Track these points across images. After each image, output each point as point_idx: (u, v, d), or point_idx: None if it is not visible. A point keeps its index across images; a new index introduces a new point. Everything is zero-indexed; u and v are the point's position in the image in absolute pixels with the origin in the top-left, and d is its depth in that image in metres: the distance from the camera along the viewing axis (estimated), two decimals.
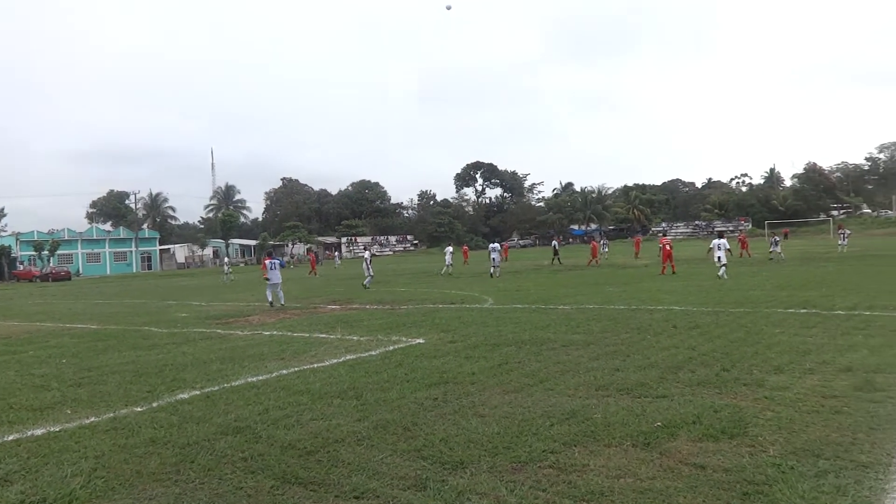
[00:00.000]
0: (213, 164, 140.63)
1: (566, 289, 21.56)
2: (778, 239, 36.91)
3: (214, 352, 11.12)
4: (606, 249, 46.57)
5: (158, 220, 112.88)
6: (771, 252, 34.63)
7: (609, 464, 4.82)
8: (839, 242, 39.49)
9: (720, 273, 22.70)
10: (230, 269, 45.92)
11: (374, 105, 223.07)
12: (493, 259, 31.31)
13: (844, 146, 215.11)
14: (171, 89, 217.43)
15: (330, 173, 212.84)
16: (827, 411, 5.86)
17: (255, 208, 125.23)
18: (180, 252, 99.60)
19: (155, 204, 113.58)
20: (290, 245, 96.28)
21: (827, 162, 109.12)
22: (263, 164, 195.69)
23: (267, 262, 20.84)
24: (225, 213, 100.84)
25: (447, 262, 35.56)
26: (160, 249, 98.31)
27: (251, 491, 4.64)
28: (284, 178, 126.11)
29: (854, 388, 6.61)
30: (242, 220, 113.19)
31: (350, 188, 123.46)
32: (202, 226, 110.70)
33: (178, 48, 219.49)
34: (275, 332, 13.50)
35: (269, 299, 20.24)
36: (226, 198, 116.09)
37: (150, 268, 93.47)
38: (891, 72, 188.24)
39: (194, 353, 11.17)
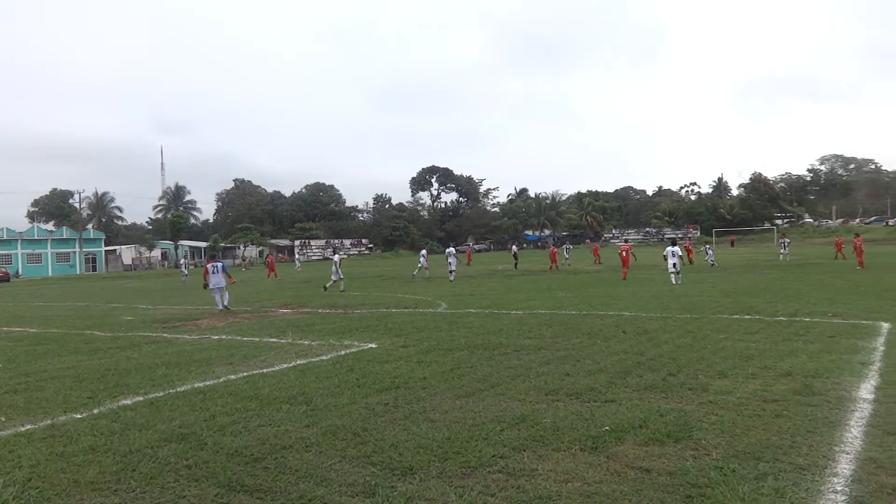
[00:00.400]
0: (162, 163, 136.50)
1: (519, 294, 21.73)
2: (709, 247, 38.71)
3: (160, 356, 10.83)
4: (568, 256, 46.97)
5: (104, 220, 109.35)
6: (709, 261, 35.72)
7: (557, 468, 4.86)
8: (780, 251, 40.91)
9: (673, 279, 23.45)
10: (188, 272, 44.72)
11: (330, 108, 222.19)
12: (450, 263, 31.59)
13: (788, 158, 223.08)
14: (121, 87, 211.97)
15: (284, 175, 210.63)
16: (768, 415, 6.03)
17: (206, 209, 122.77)
18: (127, 253, 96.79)
19: (101, 203, 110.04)
20: (241, 247, 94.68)
21: (772, 172, 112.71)
22: (215, 165, 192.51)
23: (209, 266, 20.48)
24: (174, 214, 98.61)
25: (421, 265, 34.98)
26: (106, 250, 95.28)
27: (194, 500, 4.52)
28: (237, 180, 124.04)
29: (793, 392, 6.82)
30: (193, 221, 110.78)
31: (304, 190, 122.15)
32: (150, 227, 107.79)
33: (127, 45, 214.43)
34: (224, 337, 13.24)
35: (218, 304, 19.86)
36: (175, 198, 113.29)
37: (94, 269, 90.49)
38: (830, 88, 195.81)
39: (139, 357, 10.86)
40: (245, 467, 5.12)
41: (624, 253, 29.52)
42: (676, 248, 24.90)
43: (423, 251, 37.07)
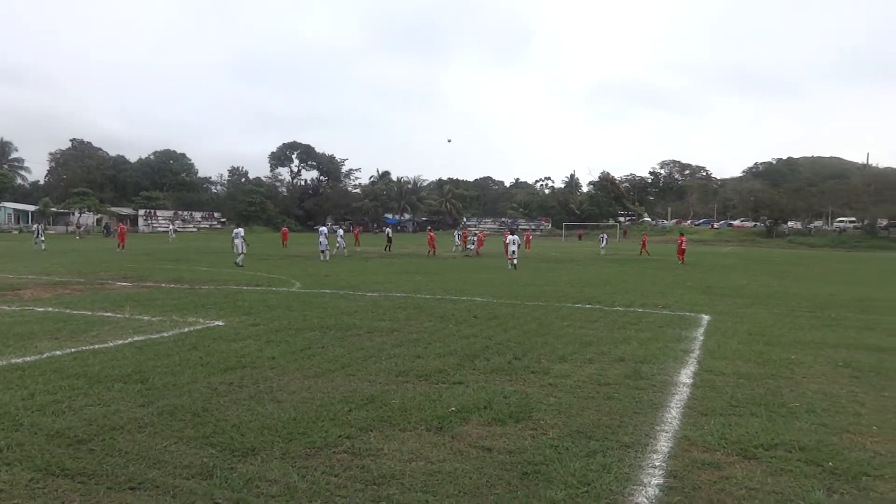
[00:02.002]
0: None
1: (376, 276, 21.72)
2: (605, 237, 41.97)
3: None
4: (459, 241, 46.44)
5: None
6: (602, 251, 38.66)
7: (402, 448, 4.91)
8: (600, 246, 44.41)
9: (510, 265, 26.49)
10: (43, 237, 39.81)
11: (186, 74, 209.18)
12: (321, 242, 30.75)
13: (633, 160, 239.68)
14: None
15: (129, 139, 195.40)
16: (600, 397, 6.45)
17: (37, 170, 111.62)
18: None
19: None
20: (76, 213, 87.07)
21: (619, 172, 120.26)
22: (49, 122, 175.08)
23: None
24: None
25: (323, 247, 31.40)
26: None
27: (4, 485, 4.09)
28: (74, 140, 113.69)
29: (625, 376, 7.35)
30: (19, 181, 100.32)
31: (152, 157, 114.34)
32: None
33: None
34: (50, 309, 12.12)
35: None
36: None
37: None
38: (670, 98, 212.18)
39: None
40: (67, 450, 4.72)
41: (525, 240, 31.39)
42: (515, 237, 28.12)
43: (325, 228, 34.28)
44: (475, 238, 40.78)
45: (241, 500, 3.95)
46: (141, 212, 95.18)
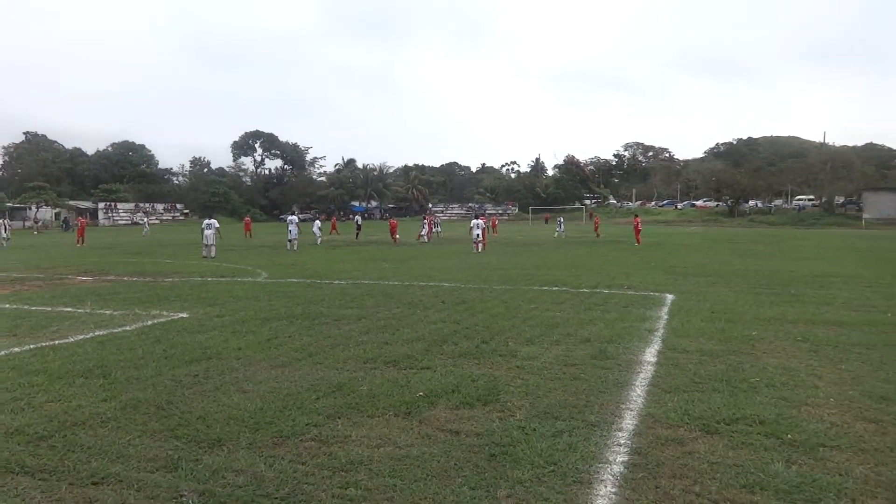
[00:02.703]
0: None
1: (343, 264, 21.60)
2: (561, 220, 42.51)
3: None
4: (440, 228, 45.99)
5: None
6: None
7: (371, 434, 4.91)
8: (556, 230, 45.02)
9: (475, 248, 27.87)
10: (9, 234, 38.28)
11: (142, 62, 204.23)
12: (290, 231, 30.19)
13: (597, 143, 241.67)
14: None
15: (85, 131, 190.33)
16: (567, 378, 6.53)
17: None
18: None
19: None
20: (34, 208, 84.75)
21: (583, 155, 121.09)
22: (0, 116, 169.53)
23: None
24: None
25: (294, 235, 30.51)
26: None
27: None
28: (28, 133, 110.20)
29: (591, 356, 7.44)
30: None
31: (110, 149, 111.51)
32: None
33: None
34: (7, 305, 11.81)
35: None
36: None
37: None
38: (631, 81, 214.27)
39: None
40: (26, 447, 4.62)
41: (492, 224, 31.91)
42: (480, 221, 29.30)
43: (295, 217, 32.88)
44: (425, 223, 40.58)
45: (206, 491, 3.91)
46: (101, 205, 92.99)
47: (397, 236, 38.67)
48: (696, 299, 12.27)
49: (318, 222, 36.84)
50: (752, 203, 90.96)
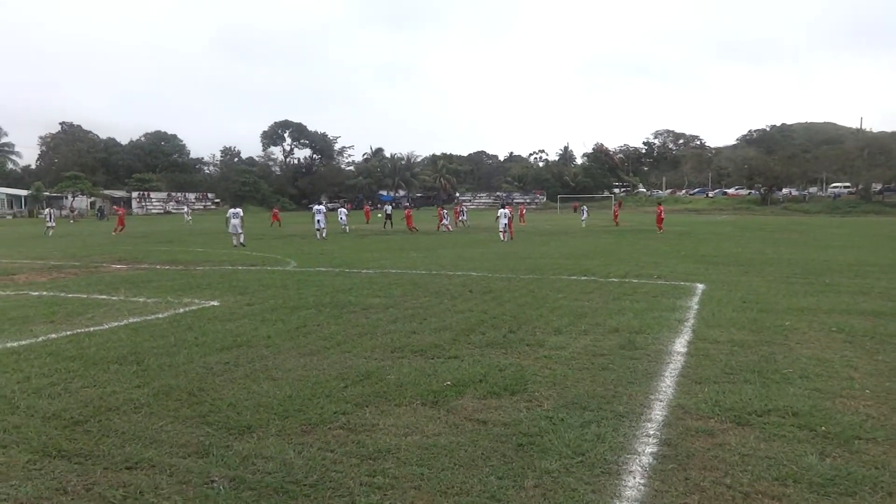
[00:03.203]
0: None
1: (371, 253, 21.70)
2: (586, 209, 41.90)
3: None
4: (466, 217, 45.65)
5: None
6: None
7: (398, 422, 4.93)
8: (581, 218, 44.78)
9: (502, 237, 27.78)
10: (54, 222, 39.32)
11: (175, 54, 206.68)
12: (318, 221, 30.38)
13: (627, 130, 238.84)
14: None
15: (119, 122, 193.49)
16: (595, 368, 6.48)
17: (28, 154, 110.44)
18: None
19: None
20: (70, 197, 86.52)
21: (612, 143, 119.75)
22: (37, 106, 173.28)
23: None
24: None
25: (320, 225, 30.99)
26: None
27: (1, 467, 4.11)
28: (64, 123, 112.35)
29: (619, 347, 7.37)
30: (11, 166, 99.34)
31: (143, 139, 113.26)
32: None
33: None
34: (45, 293, 12.10)
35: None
36: None
37: None
38: (661, 67, 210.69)
39: None
40: (63, 431, 4.73)
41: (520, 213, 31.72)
42: (506, 210, 29.09)
43: (323, 207, 33.15)
44: (445, 213, 40.45)
45: (237, 477, 3.97)
46: (134, 194, 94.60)
47: (414, 226, 38.19)
48: (727, 289, 12.08)
49: (343, 210, 37.09)
50: (785, 191, 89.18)
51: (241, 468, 4.11)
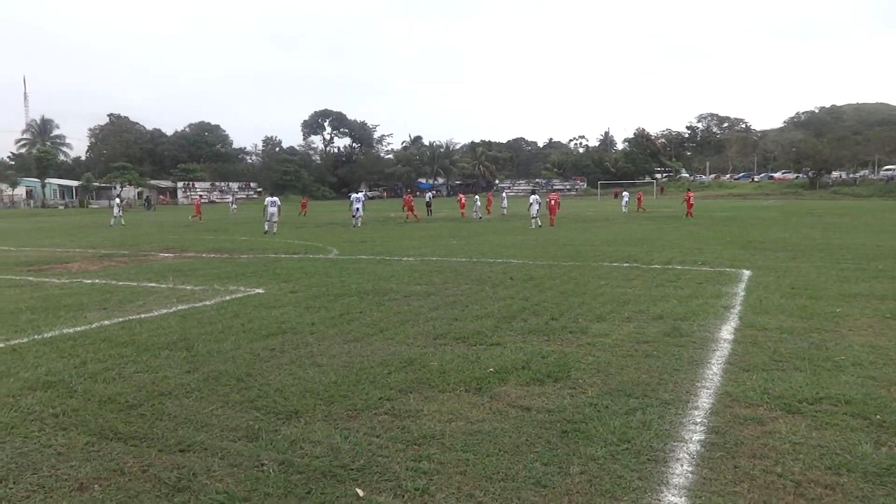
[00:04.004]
0: (25, 93, 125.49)
1: (411, 241, 21.79)
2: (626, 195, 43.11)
3: (24, 301, 10.08)
4: (506, 204, 45.91)
5: None
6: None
7: (442, 409, 4.96)
8: (622, 203, 44.33)
9: (533, 223, 28.00)
10: (121, 212, 40.71)
11: (217, 46, 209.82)
12: (357, 209, 30.63)
13: (669, 115, 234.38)
14: None
15: (164, 113, 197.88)
16: (639, 355, 6.41)
17: (78, 146, 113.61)
18: None
19: None
20: (118, 187, 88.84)
21: (654, 128, 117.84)
22: (86, 98, 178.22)
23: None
24: (41, 150, 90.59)
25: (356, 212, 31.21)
26: None
27: (62, 448, 4.27)
28: (112, 115, 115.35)
29: (664, 334, 7.28)
30: (62, 157, 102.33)
31: (188, 129, 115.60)
32: (13, 162, 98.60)
33: None
34: (97, 281, 12.47)
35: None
36: (41, 132, 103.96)
37: None
38: (705, 49, 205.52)
39: None
40: (119, 415, 4.89)
41: (552, 202, 31.38)
42: (537, 197, 29.48)
43: (361, 195, 33.61)
44: (476, 199, 40.24)
45: (286, 461, 4.05)
46: (179, 184, 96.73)
47: (416, 213, 37.25)
48: (774, 275, 11.81)
49: (361, 196, 35.56)
50: (835, 174, 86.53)
51: (289, 452, 4.19)
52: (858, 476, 3.75)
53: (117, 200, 41.85)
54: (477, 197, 41.60)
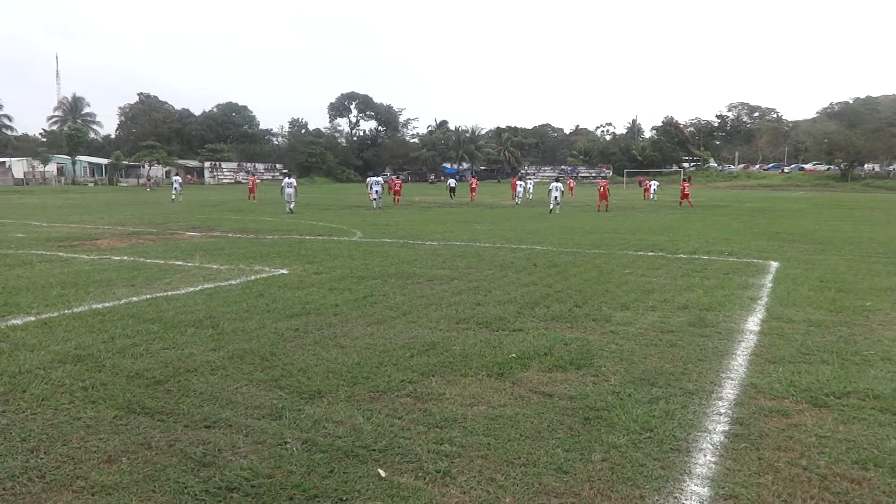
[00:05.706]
0: (57, 71, 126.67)
1: (435, 225, 21.80)
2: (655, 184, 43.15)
3: (54, 276, 10.27)
4: (532, 190, 45.56)
5: None
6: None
7: (464, 392, 4.98)
8: (651, 192, 44.35)
9: (552, 208, 28.97)
10: (181, 188, 41.51)
11: (245, 27, 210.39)
12: (377, 192, 31.47)
13: (699, 103, 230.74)
14: None
15: (193, 92, 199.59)
16: (663, 344, 6.36)
17: (108, 124, 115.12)
18: (18, 167, 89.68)
19: None
20: (147, 166, 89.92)
21: (683, 117, 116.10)
22: (117, 77, 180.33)
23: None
24: (72, 127, 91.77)
25: (376, 195, 31.59)
26: None
27: (91, 421, 4.36)
28: (141, 94, 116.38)
29: (688, 323, 7.21)
30: (92, 135, 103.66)
31: (215, 110, 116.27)
32: (45, 139, 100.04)
33: None
34: (125, 258, 12.67)
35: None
36: (72, 110, 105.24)
37: None
38: (737, 36, 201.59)
39: (30, 276, 10.25)
40: (146, 390, 4.98)
41: (602, 189, 32.62)
42: (559, 184, 30.29)
43: (381, 178, 34.71)
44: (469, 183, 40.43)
45: (309, 439, 4.09)
46: (206, 164, 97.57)
47: (399, 199, 36.94)
48: (803, 267, 11.62)
49: (380, 179, 35.59)
50: (868, 167, 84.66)
51: (312, 431, 4.23)
52: (886, 471, 3.70)
53: (178, 178, 44.01)
54: (530, 184, 41.74)
